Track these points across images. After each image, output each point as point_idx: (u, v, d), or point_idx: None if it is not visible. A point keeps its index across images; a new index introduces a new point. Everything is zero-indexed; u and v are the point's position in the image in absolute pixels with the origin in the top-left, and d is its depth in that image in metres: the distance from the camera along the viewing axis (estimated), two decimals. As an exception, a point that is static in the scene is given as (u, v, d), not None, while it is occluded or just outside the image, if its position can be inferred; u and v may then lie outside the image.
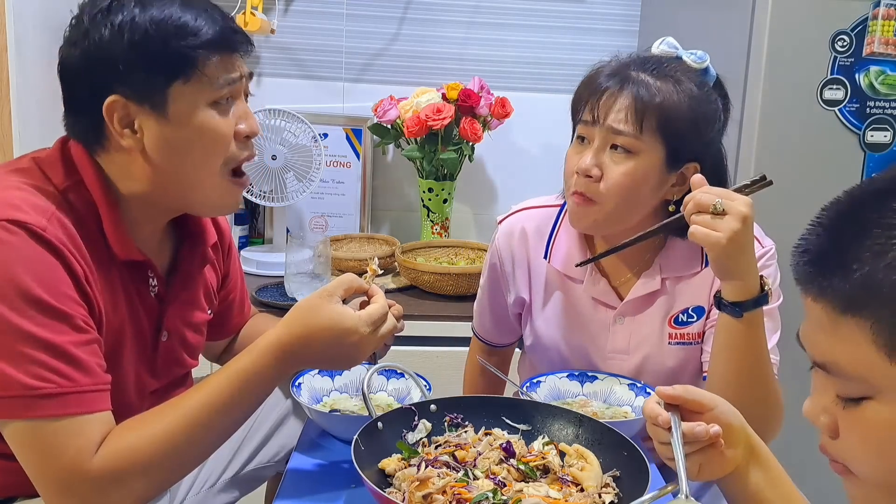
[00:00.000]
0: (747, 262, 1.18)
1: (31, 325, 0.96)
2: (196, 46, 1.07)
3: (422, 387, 1.33)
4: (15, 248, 0.98)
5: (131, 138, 1.08)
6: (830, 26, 1.78)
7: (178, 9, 1.08)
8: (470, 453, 1.11)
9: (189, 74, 1.07)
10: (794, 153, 1.82)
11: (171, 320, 1.22)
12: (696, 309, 1.40)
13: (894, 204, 0.65)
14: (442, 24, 2.53)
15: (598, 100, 1.28)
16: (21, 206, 1.01)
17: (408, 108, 2.33)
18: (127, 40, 1.05)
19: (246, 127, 1.14)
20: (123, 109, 1.07)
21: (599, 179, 1.29)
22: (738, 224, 1.14)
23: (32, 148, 1.21)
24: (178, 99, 1.08)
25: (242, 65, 1.15)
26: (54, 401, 0.97)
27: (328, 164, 2.44)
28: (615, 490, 1.05)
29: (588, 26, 2.56)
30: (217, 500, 1.39)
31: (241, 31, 1.14)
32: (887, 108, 1.83)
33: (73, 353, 0.99)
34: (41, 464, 0.98)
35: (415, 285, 2.21)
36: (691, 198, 1.17)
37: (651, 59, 1.32)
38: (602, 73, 1.32)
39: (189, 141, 1.09)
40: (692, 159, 1.31)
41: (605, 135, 1.28)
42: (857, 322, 0.65)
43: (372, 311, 1.10)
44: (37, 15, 1.96)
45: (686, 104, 1.27)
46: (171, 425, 1.02)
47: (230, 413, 1.06)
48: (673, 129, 1.27)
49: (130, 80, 1.06)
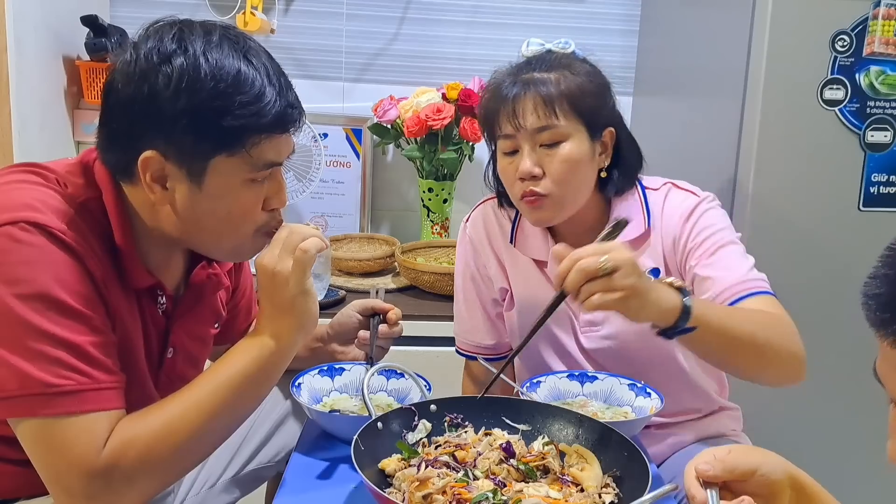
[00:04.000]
0: (655, 296, 1.15)
1: (49, 325, 0.96)
2: (251, 128, 1.03)
3: (422, 387, 1.33)
4: (34, 248, 0.98)
5: (161, 193, 1.06)
6: (830, 26, 1.77)
7: (245, 70, 1.02)
8: (470, 453, 1.11)
9: (233, 151, 1.04)
10: (794, 153, 1.82)
11: (178, 337, 1.22)
12: (653, 271, 1.43)
13: None
14: (442, 24, 2.53)
15: (512, 110, 1.35)
16: (39, 208, 1.01)
17: (408, 108, 2.33)
18: (183, 102, 0.99)
19: (276, 201, 1.13)
20: (159, 166, 1.03)
21: (543, 176, 1.35)
22: (631, 273, 1.10)
23: (32, 148, 1.21)
24: (216, 172, 1.04)
25: (290, 143, 1.12)
26: (72, 398, 0.97)
27: (328, 164, 2.44)
28: (615, 490, 1.05)
29: (588, 26, 2.56)
30: (217, 500, 1.39)
31: (298, 106, 1.10)
32: (887, 108, 1.83)
33: (92, 353, 0.99)
34: (52, 461, 0.98)
35: (415, 285, 2.21)
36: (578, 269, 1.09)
37: (535, 59, 1.41)
38: (502, 85, 1.38)
39: (216, 213, 1.08)
40: (606, 125, 1.40)
41: (530, 137, 1.35)
42: None
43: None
44: (37, 15, 1.96)
45: (585, 81, 1.37)
46: (177, 418, 1.03)
47: (236, 399, 1.07)
48: (583, 105, 1.35)
49: (175, 140, 1.02)
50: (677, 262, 1.42)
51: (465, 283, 1.60)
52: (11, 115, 1.84)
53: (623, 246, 1.13)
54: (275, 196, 1.13)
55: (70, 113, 2.23)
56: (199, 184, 1.05)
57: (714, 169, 1.94)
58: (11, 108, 1.83)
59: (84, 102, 2.24)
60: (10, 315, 0.96)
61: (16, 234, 0.98)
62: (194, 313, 1.24)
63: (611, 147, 1.41)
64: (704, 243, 1.38)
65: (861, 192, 1.85)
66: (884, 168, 1.85)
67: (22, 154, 1.85)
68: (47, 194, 1.04)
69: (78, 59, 2.23)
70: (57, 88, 2.16)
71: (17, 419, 0.99)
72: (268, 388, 1.13)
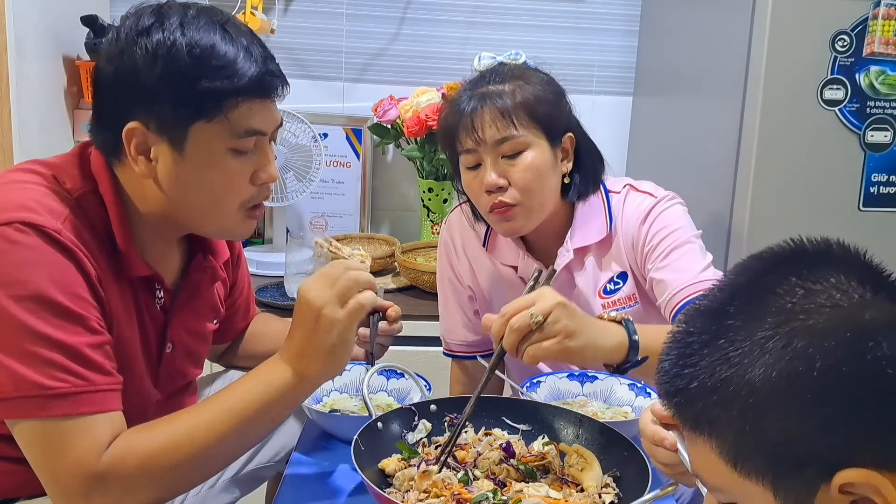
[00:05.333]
0: (595, 332, 1.15)
1: (45, 326, 0.96)
2: (227, 91, 1.04)
3: (422, 387, 1.33)
4: (29, 249, 0.98)
5: (145, 165, 1.07)
6: (830, 26, 1.77)
7: (220, 40, 1.04)
8: (470, 453, 1.11)
9: (211, 116, 1.04)
10: (794, 153, 1.82)
11: (176, 332, 1.22)
12: (620, 275, 1.45)
13: (719, 343, 0.64)
14: (442, 24, 2.53)
15: (471, 125, 1.36)
16: (35, 208, 1.01)
17: (408, 108, 2.33)
18: (160, 70, 1.02)
19: (265, 175, 1.12)
20: (142, 137, 1.05)
21: (508, 187, 1.37)
22: (561, 316, 1.10)
23: (32, 148, 1.21)
24: (197, 139, 1.05)
25: (273, 113, 1.11)
26: (68, 400, 0.97)
27: (328, 164, 2.44)
28: (615, 490, 1.05)
29: (588, 26, 2.55)
30: (217, 500, 1.39)
31: (279, 75, 1.10)
32: (887, 108, 1.82)
33: (87, 354, 0.99)
34: (50, 462, 0.98)
35: (415, 285, 2.21)
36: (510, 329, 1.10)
37: (488, 72, 1.43)
38: (458, 100, 1.39)
39: (202, 182, 1.08)
40: (565, 131, 1.42)
41: (491, 150, 1.36)
42: (704, 439, 0.66)
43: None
44: (37, 15, 1.96)
45: (540, 90, 1.39)
46: (183, 435, 1.01)
47: (246, 426, 1.05)
48: (540, 113, 1.37)
49: (155, 110, 1.04)
50: (638, 265, 1.44)
51: (443, 285, 1.62)
52: (11, 115, 1.84)
53: (549, 291, 1.13)
54: (262, 169, 1.12)
55: (70, 113, 2.22)
56: (181, 152, 1.05)
57: (714, 169, 1.94)
58: (11, 108, 1.84)
59: (84, 102, 2.24)
60: (4, 317, 0.96)
61: (10, 236, 0.98)
62: (192, 307, 1.24)
63: (572, 152, 1.43)
64: (659, 245, 1.39)
65: (861, 192, 1.85)
66: (884, 168, 1.85)
67: (22, 154, 1.85)
68: (43, 193, 1.04)
69: (78, 59, 2.23)
70: (57, 88, 2.16)
71: (13, 420, 0.99)
72: (280, 420, 1.12)
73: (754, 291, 0.65)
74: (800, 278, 0.64)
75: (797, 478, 0.61)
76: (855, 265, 0.66)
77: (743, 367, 0.62)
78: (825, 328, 0.61)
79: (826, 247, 0.68)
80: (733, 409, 0.63)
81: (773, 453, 0.62)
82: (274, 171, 1.13)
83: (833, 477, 0.60)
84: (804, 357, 0.60)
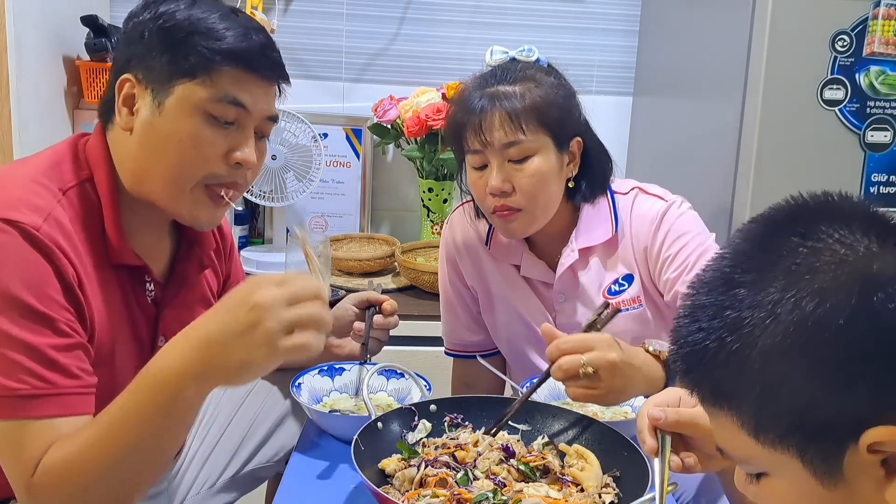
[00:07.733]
0: (637, 392, 1.20)
1: (10, 327, 0.96)
2: (214, 51, 1.07)
3: (422, 387, 1.33)
4: (4, 247, 0.97)
5: (127, 117, 1.10)
6: (830, 26, 1.77)
7: (218, 16, 1.10)
8: (470, 453, 1.11)
9: (196, 75, 1.07)
10: (794, 153, 1.82)
11: (169, 325, 1.21)
12: (626, 277, 1.45)
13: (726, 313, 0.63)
14: (442, 24, 2.53)
15: (479, 126, 1.35)
16: (17, 206, 1.00)
17: (408, 108, 2.33)
18: (157, 27, 1.08)
19: (239, 154, 1.11)
20: (131, 89, 1.10)
21: (513, 192, 1.36)
22: (610, 375, 1.13)
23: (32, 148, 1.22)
24: (178, 95, 1.08)
25: (264, 95, 1.13)
26: (27, 402, 0.96)
27: (328, 164, 2.44)
28: (615, 490, 1.05)
29: (588, 26, 2.55)
30: (217, 500, 1.39)
31: (273, 59, 1.13)
32: (887, 108, 1.82)
33: (52, 356, 0.98)
34: (8, 464, 0.98)
35: (415, 285, 2.21)
36: (558, 367, 1.14)
37: (499, 69, 1.41)
38: (469, 98, 1.38)
39: (170, 139, 1.08)
40: (573, 136, 1.41)
41: (498, 153, 1.36)
42: (725, 412, 0.65)
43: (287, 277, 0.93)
44: (37, 15, 1.96)
45: (549, 94, 1.37)
46: (97, 436, 0.96)
47: (152, 418, 0.95)
48: (549, 118, 1.36)
49: (146, 63, 1.09)
50: (650, 271, 1.43)
51: (445, 284, 1.62)
52: (11, 115, 1.84)
53: (607, 343, 1.14)
54: (238, 148, 1.11)
55: (70, 113, 2.22)
56: (161, 105, 1.08)
57: (714, 169, 1.94)
58: (11, 108, 1.84)
59: (84, 102, 2.24)
60: None
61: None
62: (182, 299, 1.24)
63: (578, 156, 1.42)
64: (680, 254, 1.38)
65: (861, 192, 1.84)
66: (884, 168, 1.85)
67: (22, 154, 1.85)
68: (30, 189, 1.04)
69: (78, 59, 2.23)
70: (57, 88, 2.16)
71: None
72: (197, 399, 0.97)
73: (758, 256, 0.64)
74: (802, 237, 0.62)
75: (822, 442, 0.60)
76: (858, 215, 0.64)
77: (753, 336, 0.61)
78: (832, 286, 0.59)
79: (827, 200, 0.67)
80: (748, 379, 0.62)
81: (794, 420, 0.61)
82: (250, 155, 1.12)
83: (860, 437, 0.58)
84: (815, 319, 0.59)
